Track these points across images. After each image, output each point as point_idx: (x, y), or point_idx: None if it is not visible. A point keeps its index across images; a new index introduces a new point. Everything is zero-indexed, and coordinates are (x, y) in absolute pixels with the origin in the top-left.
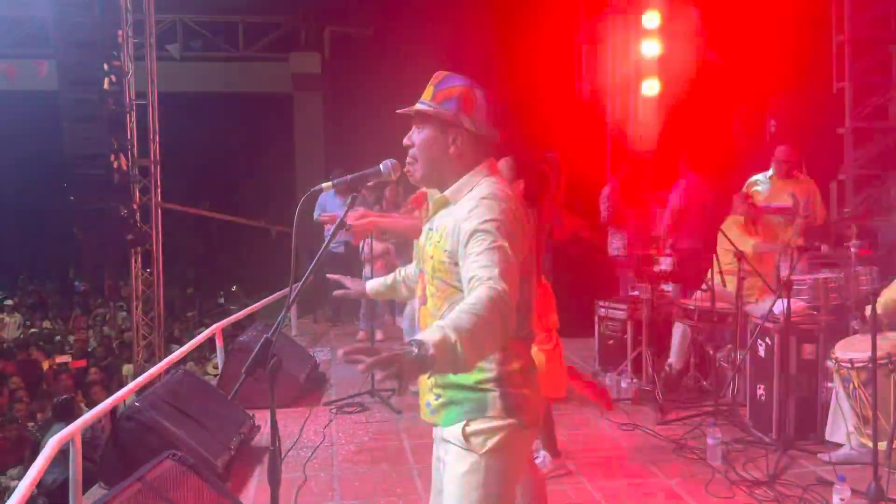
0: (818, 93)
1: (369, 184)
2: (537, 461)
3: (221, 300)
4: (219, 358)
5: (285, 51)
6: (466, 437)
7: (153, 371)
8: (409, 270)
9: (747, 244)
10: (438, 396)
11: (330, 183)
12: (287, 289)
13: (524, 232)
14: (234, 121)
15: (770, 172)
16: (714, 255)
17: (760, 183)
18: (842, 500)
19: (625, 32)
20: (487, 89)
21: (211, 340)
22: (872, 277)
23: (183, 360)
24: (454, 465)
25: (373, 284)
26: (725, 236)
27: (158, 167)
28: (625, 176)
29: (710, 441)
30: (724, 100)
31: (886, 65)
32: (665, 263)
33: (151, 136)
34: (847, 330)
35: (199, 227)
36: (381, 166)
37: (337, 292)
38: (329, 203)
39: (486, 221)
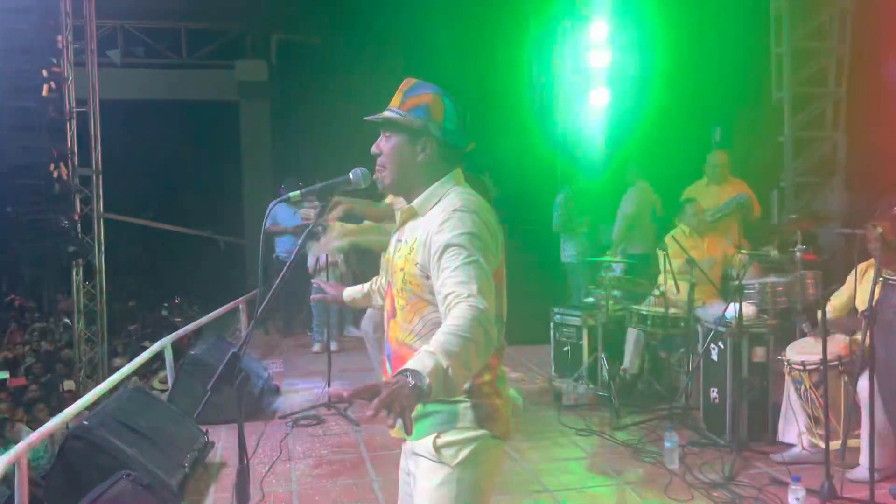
0: (760, 102)
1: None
2: None
3: (165, 312)
4: (168, 372)
5: (231, 58)
6: (438, 449)
7: (101, 387)
8: (382, 280)
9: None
10: None
11: (298, 192)
12: (236, 300)
13: (497, 242)
14: (179, 129)
15: (704, 180)
16: (666, 261)
17: (701, 193)
18: (798, 499)
19: (574, 42)
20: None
21: (158, 353)
22: (817, 281)
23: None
24: (426, 478)
25: (349, 292)
26: (678, 243)
27: (100, 177)
28: (576, 184)
29: (667, 444)
30: (670, 108)
31: (824, 75)
32: (618, 270)
33: (93, 145)
34: (795, 333)
35: (141, 237)
36: (350, 175)
37: (315, 297)
38: (280, 213)
39: (459, 235)
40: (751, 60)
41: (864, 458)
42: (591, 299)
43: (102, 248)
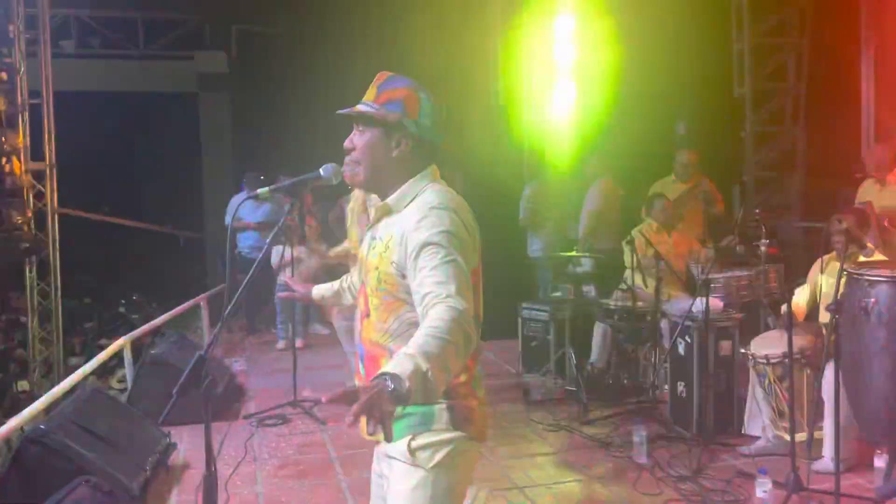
0: (722, 98)
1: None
2: None
3: (122, 309)
4: (127, 372)
5: (189, 49)
6: (412, 451)
7: (58, 389)
8: (353, 278)
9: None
10: None
11: (267, 189)
12: (198, 297)
13: (474, 241)
14: (136, 121)
15: (671, 177)
16: (633, 255)
17: (668, 189)
18: (765, 492)
19: (540, 37)
20: None
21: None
22: (779, 275)
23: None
24: (400, 481)
25: (319, 290)
26: (645, 238)
27: (54, 171)
28: (543, 178)
29: (636, 439)
30: (635, 102)
31: (783, 71)
32: (585, 264)
33: (46, 138)
34: (759, 326)
35: (97, 233)
36: (321, 170)
37: (282, 294)
38: (243, 208)
39: (437, 233)
40: (713, 56)
41: (827, 450)
42: (558, 293)
43: (57, 245)
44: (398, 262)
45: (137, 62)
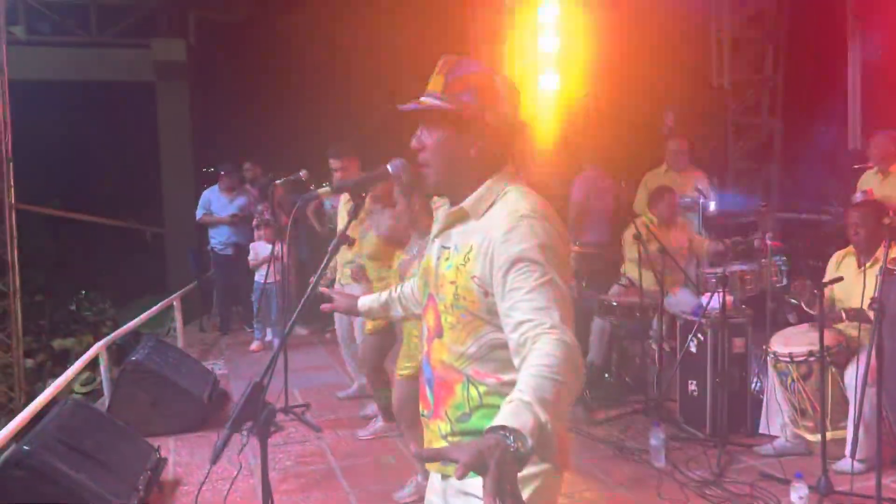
0: (704, 89)
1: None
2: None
3: (73, 307)
4: (104, 380)
5: (146, 36)
6: None
7: (39, 401)
8: (406, 288)
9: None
10: None
11: (329, 188)
12: (171, 297)
13: (567, 252)
14: (91, 111)
15: (663, 167)
16: (640, 250)
17: (660, 180)
18: (801, 498)
19: (522, 27)
20: (372, 84)
21: (66, 351)
22: (782, 268)
23: (40, 375)
24: None
25: (365, 301)
26: (651, 232)
27: (11, 164)
28: (528, 171)
29: (653, 442)
30: (621, 93)
31: (760, 63)
32: (573, 259)
33: (2, 129)
34: (765, 321)
35: (49, 227)
36: (389, 167)
37: (325, 306)
38: (214, 201)
39: (531, 248)
40: (694, 47)
41: (849, 449)
42: None
43: (15, 242)
44: (481, 276)
45: (91, 49)
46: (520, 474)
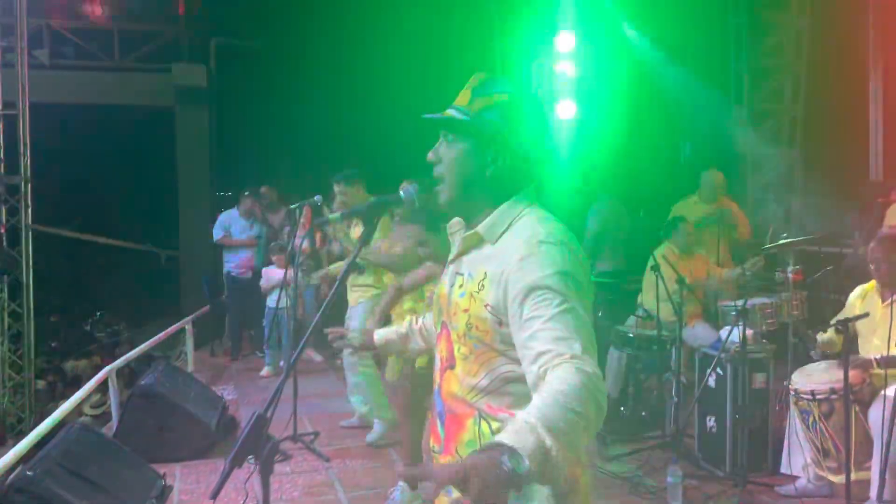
0: (725, 118)
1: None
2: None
3: (88, 328)
4: (112, 403)
5: (167, 61)
6: None
7: (46, 424)
8: (428, 320)
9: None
10: None
11: (338, 215)
12: (183, 320)
13: (588, 281)
14: (111, 135)
15: (695, 197)
16: (660, 282)
17: (689, 210)
18: None
19: (541, 53)
20: (392, 110)
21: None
22: (802, 302)
23: (52, 396)
24: None
25: (383, 334)
26: (669, 263)
27: (29, 185)
28: (545, 199)
29: (670, 480)
30: (638, 121)
31: (781, 92)
32: None
33: (22, 151)
34: (786, 356)
35: (66, 249)
36: (401, 192)
37: (337, 343)
38: (234, 225)
39: (550, 275)
40: (715, 77)
41: (874, 491)
42: None
43: (31, 263)
44: (495, 305)
45: (112, 74)
46: None
